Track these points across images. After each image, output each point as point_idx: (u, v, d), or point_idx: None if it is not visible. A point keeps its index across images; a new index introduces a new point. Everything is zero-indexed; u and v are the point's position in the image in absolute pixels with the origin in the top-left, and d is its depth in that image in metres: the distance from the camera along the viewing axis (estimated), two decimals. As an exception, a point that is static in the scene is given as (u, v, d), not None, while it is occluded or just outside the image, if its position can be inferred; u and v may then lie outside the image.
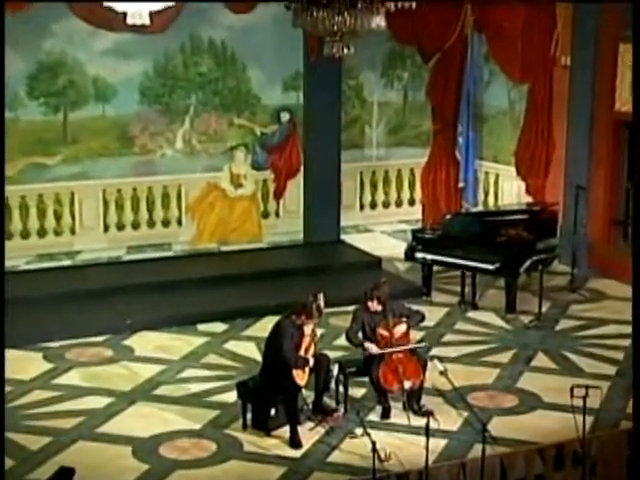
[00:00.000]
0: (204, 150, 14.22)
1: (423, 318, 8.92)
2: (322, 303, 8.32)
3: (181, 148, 14.09)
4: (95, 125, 13.48)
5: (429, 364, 8.50)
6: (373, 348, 8.47)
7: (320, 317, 8.38)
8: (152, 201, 13.98)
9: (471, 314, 11.39)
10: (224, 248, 13.90)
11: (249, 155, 14.41)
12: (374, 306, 8.53)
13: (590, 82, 12.50)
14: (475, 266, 11.38)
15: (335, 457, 7.85)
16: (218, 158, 14.25)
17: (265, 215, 14.66)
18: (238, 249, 13.67)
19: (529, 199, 13.77)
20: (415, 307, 9.13)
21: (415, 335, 9.77)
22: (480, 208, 14.73)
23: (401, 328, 8.55)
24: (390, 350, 8.44)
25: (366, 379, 8.68)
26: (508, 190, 14.60)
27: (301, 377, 8.13)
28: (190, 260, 13.14)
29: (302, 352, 8.18)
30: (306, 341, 8.22)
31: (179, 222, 14.17)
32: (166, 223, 14.14)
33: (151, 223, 14.04)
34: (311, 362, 8.21)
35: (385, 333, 8.49)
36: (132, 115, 13.66)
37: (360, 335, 8.64)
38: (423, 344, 9.41)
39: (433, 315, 10.92)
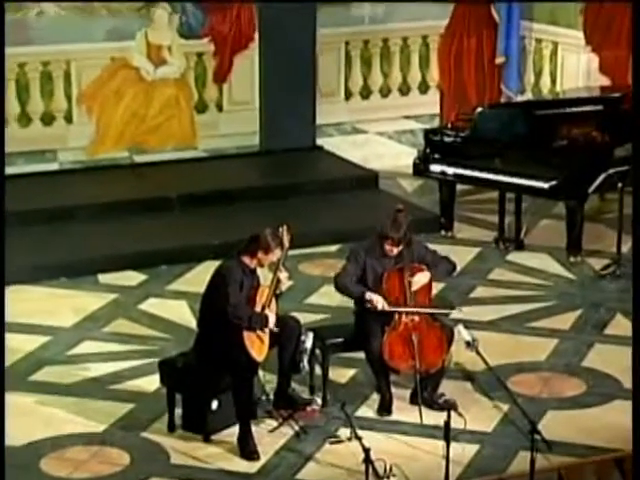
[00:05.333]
0: (105, 6, 14.10)
1: (454, 268, 8.99)
2: (286, 239, 8.26)
3: (69, 3, 13.96)
4: None
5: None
6: (380, 302, 8.46)
7: (285, 253, 8.27)
8: (25, 85, 13.91)
9: (514, 256, 11.50)
10: (139, 158, 13.91)
11: (176, 16, 14.31)
12: (389, 249, 8.51)
13: None
14: (521, 184, 11.44)
15: (309, 472, 7.88)
16: (127, 19, 14.15)
17: (201, 108, 14.64)
18: (160, 160, 13.67)
19: (604, 81, 13.84)
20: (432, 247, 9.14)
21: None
22: (529, 96, 14.78)
23: (421, 278, 8.52)
24: (406, 310, 8.44)
25: (356, 355, 8.70)
26: (572, 68, 14.61)
27: (258, 348, 8.09)
28: (86, 176, 13.15)
29: (258, 308, 8.13)
30: (264, 294, 8.17)
31: (68, 118, 14.13)
32: (48, 120, 14.10)
33: (24, 120, 13.99)
34: (272, 320, 8.10)
35: (398, 286, 8.49)
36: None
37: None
38: (454, 309, 9.36)
39: (457, 258, 10.82)
